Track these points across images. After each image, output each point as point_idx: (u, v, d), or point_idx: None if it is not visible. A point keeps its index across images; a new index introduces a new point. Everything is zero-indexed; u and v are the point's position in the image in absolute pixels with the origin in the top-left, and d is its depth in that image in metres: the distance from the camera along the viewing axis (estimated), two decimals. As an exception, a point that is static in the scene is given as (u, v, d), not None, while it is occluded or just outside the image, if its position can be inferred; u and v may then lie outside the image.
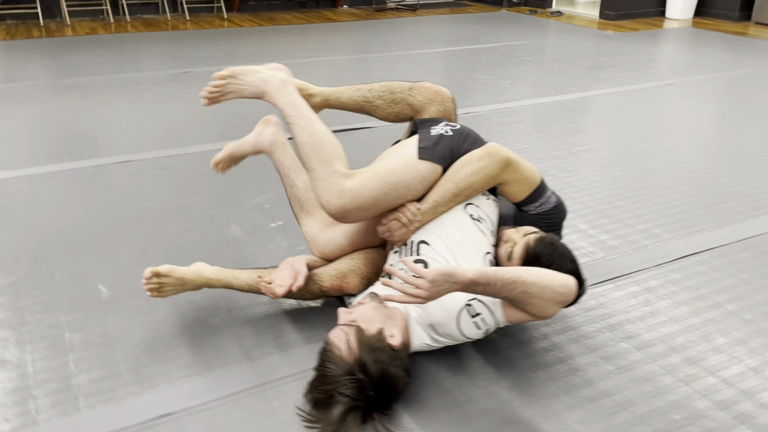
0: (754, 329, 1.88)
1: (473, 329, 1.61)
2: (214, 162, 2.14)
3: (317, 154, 1.76)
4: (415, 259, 1.73)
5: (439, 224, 1.78)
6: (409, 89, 2.02)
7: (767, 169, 3.06)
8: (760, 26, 7.37)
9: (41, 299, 2.03)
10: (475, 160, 1.78)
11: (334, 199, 1.72)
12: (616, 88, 4.56)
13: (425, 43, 6.23)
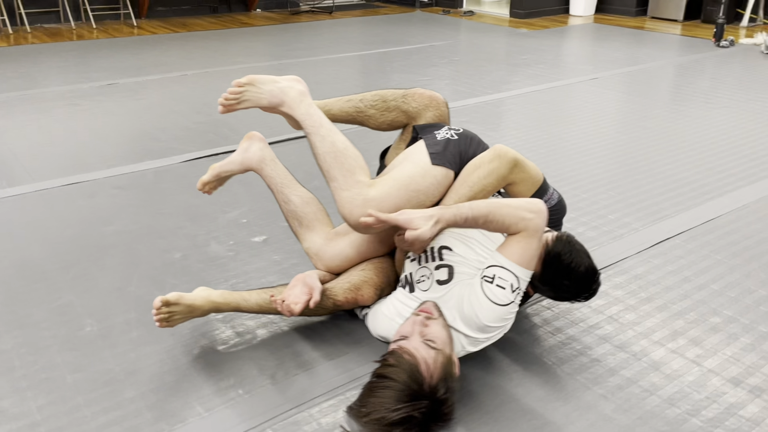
0: (741, 307, 2.02)
1: (501, 293, 1.61)
2: (201, 184, 2.05)
3: (339, 164, 1.74)
4: (438, 264, 1.73)
5: (456, 230, 1.79)
6: (403, 96, 2.02)
7: (705, 156, 3.29)
8: (655, 20, 7.91)
9: (25, 340, 1.87)
10: (485, 162, 1.80)
11: (358, 209, 1.70)
12: (548, 84, 4.75)
13: (351, 45, 6.23)
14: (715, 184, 2.93)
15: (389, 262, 1.98)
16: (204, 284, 2.13)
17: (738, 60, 5.60)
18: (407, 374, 1.45)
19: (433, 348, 1.52)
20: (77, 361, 1.78)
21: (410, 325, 1.60)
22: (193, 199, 2.80)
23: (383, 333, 1.82)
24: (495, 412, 1.59)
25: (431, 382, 1.45)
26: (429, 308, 1.64)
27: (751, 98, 4.36)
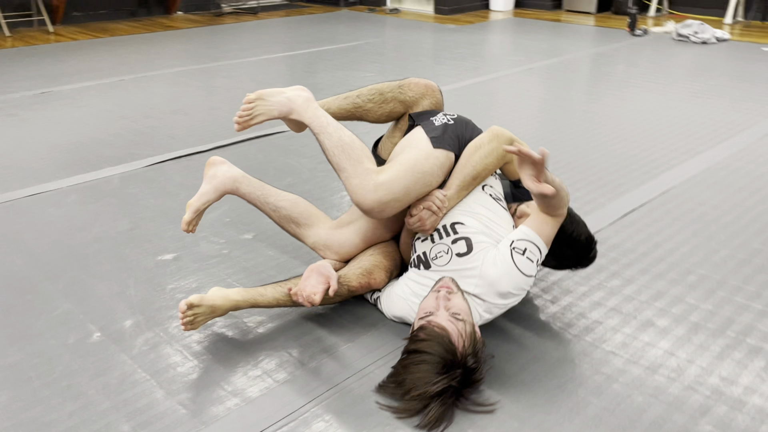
0: (711, 265, 2.22)
1: (529, 265, 1.73)
2: (185, 225, 2.00)
3: (347, 155, 1.80)
4: (454, 238, 1.82)
5: (464, 206, 1.88)
6: (399, 87, 2.09)
7: (647, 135, 3.54)
8: (570, 13, 8.33)
9: (33, 350, 1.81)
10: (485, 143, 1.91)
11: (370, 193, 1.76)
12: (488, 75, 4.94)
13: (279, 46, 6.22)
14: (661, 159, 3.18)
15: (394, 245, 2.05)
16: (205, 284, 2.14)
17: (654, 47, 6.01)
18: (442, 346, 1.53)
19: (460, 320, 1.61)
20: (95, 366, 1.75)
21: (433, 301, 1.68)
22: (169, 202, 2.76)
23: (400, 313, 1.89)
24: (519, 374, 1.70)
25: (463, 351, 1.55)
26: (448, 283, 1.73)
27: (675, 81, 4.71)
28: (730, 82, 4.68)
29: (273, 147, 3.42)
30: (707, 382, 1.66)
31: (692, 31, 6.15)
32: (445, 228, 1.85)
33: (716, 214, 2.59)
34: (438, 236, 1.86)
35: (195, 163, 3.20)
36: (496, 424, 1.53)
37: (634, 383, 1.66)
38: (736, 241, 2.37)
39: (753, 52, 5.75)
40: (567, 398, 1.61)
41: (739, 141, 3.42)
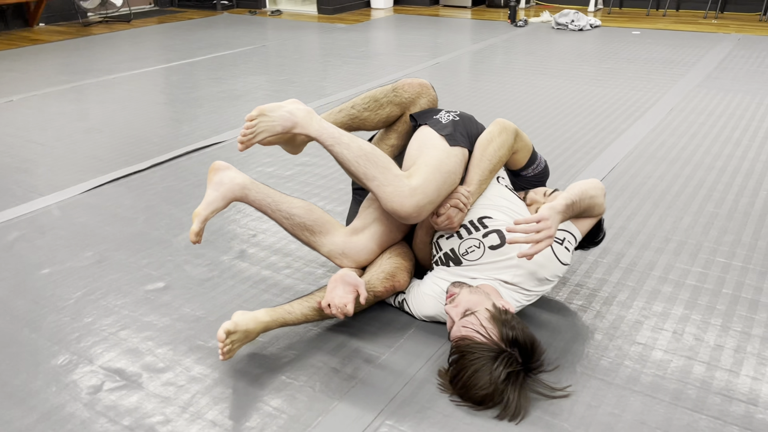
0: (680, 231, 2.41)
1: (567, 254, 1.83)
2: (194, 236, 1.84)
3: (374, 164, 1.76)
4: (485, 232, 1.84)
5: (487, 200, 1.91)
6: (393, 91, 2.06)
7: (570, 118, 3.77)
8: (447, 8, 8.63)
9: (46, 409, 1.60)
10: (496, 136, 1.95)
11: (407, 199, 1.73)
12: (400, 72, 5.01)
13: (159, 55, 5.91)
14: (595, 140, 3.40)
15: (407, 246, 2.04)
16: (211, 311, 2.01)
17: (539, 36, 6.38)
18: (476, 351, 1.57)
19: (470, 314, 1.65)
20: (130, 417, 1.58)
21: (449, 319, 1.73)
22: (127, 228, 2.55)
23: (432, 312, 1.89)
24: (560, 359, 1.76)
25: (495, 337, 1.58)
26: (450, 291, 1.78)
27: (572, 66, 5.04)
28: (618, 64, 5.09)
29: (210, 159, 3.25)
30: (728, 341, 1.82)
31: (569, 20, 6.60)
32: (473, 223, 1.87)
33: (665, 185, 2.82)
34: (466, 232, 1.87)
35: (137, 182, 2.97)
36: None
37: (669, 347, 1.78)
38: (693, 208, 2.59)
39: (625, 35, 6.29)
40: (615, 369, 1.70)
41: (652, 117, 3.73)
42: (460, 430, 1.52)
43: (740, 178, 2.86)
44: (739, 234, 2.38)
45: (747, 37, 5.99)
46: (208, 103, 4.25)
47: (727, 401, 1.59)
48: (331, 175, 3.02)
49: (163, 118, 3.97)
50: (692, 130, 3.48)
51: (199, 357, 1.79)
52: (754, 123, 3.57)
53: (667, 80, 4.54)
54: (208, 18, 8.10)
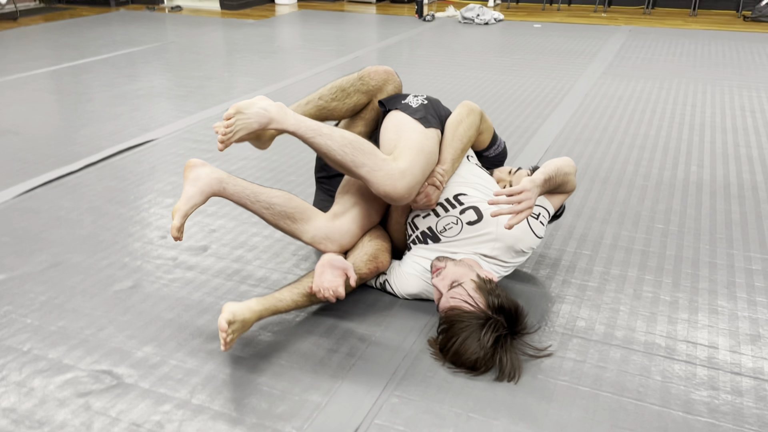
0: (635, 206, 2.63)
1: (541, 228, 1.95)
2: (176, 231, 1.79)
3: (360, 151, 1.80)
4: (461, 209, 1.93)
5: (460, 178, 2.00)
6: (359, 79, 2.10)
7: (496, 106, 3.95)
8: (351, 3, 8.70)
9: (45, 414, 1.53)
10: (464, 117, 2.04)
11: (399, 181, 1.79)
12: (326, 65, 5.03)
13: (49, 56, 5.60)
14: (524, 125, 3.59)
15: (383, 229, 2.10)
16: (190, 302, 1.98)
17: (448, 30, 6.59)
18: (465, 320, 1.67)
19: (457, 285, 1.75)
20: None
21: (436, 291, 1.82)
22: (76, 230, 2.43)
23: (415, 290, 1.96)
24: (540, 323, 1.89)
25: (482, 305, 1.69)
26: (435, 265, 1.86)
27: (486, 58, 5.26)
28: (528, 55, 5.37)
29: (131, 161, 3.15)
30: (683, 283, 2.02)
31: (475, 14, 6.87)
32: (449, 201, 1.96)
33: (596, 163, 3.04)
34: (443, 210, 1.95)
35: (73, 184, 2.83)
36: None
37: (633, 305, 1.95)
38: (625, 182, 2.82)
39: (527, 28, 6.63)
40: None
41: (570, 102, 3.99)
42: (465, 392, 1.60)
43: (659, 154, 3.13)
44: (669, 202, 2.62)
45: (636, 29, 6.50)
46: (128, 101, 4.09)
47: (692, 347, 1.77)
48: (278, 168, 3.02)
49: (82, 117, 3.77)
50: (608, 113, 3.76)
51: (190, 351, 1.76)
52: (660, 104, 3.91)
53: (575, 69, 4.85)
54: (102, 15, 7.71)
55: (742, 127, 3.52)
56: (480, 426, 1.50)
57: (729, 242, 2.31)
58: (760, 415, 1.53)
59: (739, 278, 2.09)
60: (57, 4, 8.54)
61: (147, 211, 2.59)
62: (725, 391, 1.61)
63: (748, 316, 1.90)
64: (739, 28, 6.55)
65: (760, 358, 1.73)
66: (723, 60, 5.09)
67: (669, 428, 1.50)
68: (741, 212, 2.53)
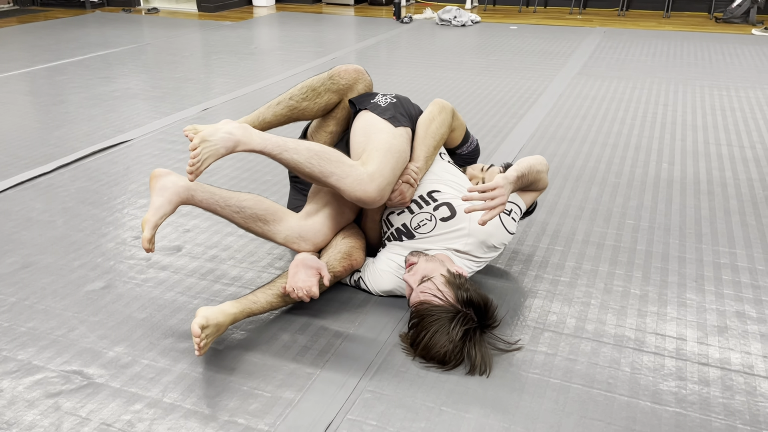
0: (607, 203, 2.66)
1: (513, 224, 1.97)
2: (147, 243, 1.77)
3: (326, 160, 1.80)
4: (435, 206, 1.94)
5: (433, 175, 2.01)
6: (329, 78, 2.10)
7: (472, 105, 3.98)
8: (330, 5, 8.71)
9: (13, 416, 1.51)
10: (436, 115, 2.06)
11: (369, 185, 1.80)
12: (309, 64, 5.02)
13: (22, 58, 5.54)
14: (500, 123, 3.62)
15: (357, 227, 2.10)
16: (163, 302, 1.97)
17: (425, 31, 6.62)
18: (435, 314, 1.68)
19: (427, 280, 1.76)
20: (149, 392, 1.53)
21: (407, 286, 1.84)
22: (48, 232, 2.41)
23: (389, 287, 1.96)
24: (512, 318, 1.91)
25: (451, 299, 1.70)
26: (409, 260, 1.88)
27: (463, 59, 5.29)
28: (504, 56, 5.42)
29: (105, 163, 3.13)
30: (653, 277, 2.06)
31: (452, 16, 6.91)
32: (423, 198, 1.97)
33: (569, 161, 3.07)
34: (417, 206, 1.96)
35: (45, 185, 2.80)
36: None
37: (604, 299, 1.98)
38: (598, 179, 2.86)
39: (504, 30, 6.68)
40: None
41: (545, 102, 4.03)
42: (438, 386, 1.61)
43: (631, 152, 3.18)
44: (640, 199, 2.66)
45: (611, 30, 6.58)
46: (103, 103, 4.05)
47: (661, 339, 1.80)
48: (253, 168, 3.01)
49: (56, 119, 3.73)
50: (582, 113, 3.81)
51: (162, 350, 1.76)
52: (632, 104, 3.97)
53: (550, 69, 4.90)
54: (77, 17, 7.64)
55: (712, 125, 3.59)
56: (452, 419, 1.52)
57: (698, 237, 2.35)
58: (726, 404, 1.56)
59: (708, 272, 2.13)
60: (31, 6, 8.45)
61: (120, 212, 2.57)
62: (692, 381, 1.64)
63: (715, 309, 1.94)
64: (710, 29, 6.66)
65: (726, 348, 1.76)
66: (695, 60, 5.18)
67: (637, 418, 1.52)
68: (710, 208, 2.58)
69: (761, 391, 1.61)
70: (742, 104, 3.97)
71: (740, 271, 2.13)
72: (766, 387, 1.62)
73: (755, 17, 6.83)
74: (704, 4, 7.60)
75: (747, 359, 1.72)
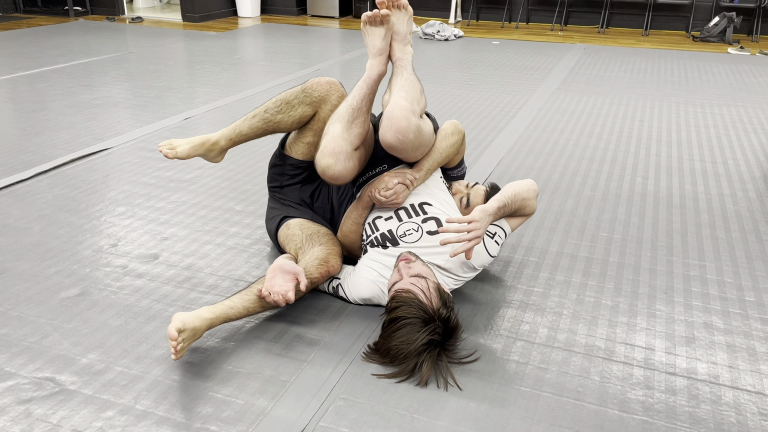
0: (581, 216, 2.71)
1: (496, 247, 2.01)
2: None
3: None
4: (424, 218, 1.97)
5: (427, 189, 2.06)
6: (302, 92, 2.12)
7: (459, 119, 4.00)
8: (315, 18, 8.77)
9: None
10: (450, 134, 2.11)
11: (409, 119, 1.86)
12: (289, 76, 5.05)
13: (20, 61, 5.52)
14: (478, 137, 3.67)
15: (333, 234, 2.13)
16: (138, 309, 1.97)
17: (408, 45, 6.67)
18: (413, 307, 1.70)
19: (422, 277, 1.78)
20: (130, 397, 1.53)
21: (396, 274, 1.84)
22: (23, 238, 2.40)
23: (367, 295, 1.97)
24: (485, 327, 1.93)
25: (433, 306, 1.72)
26: (406, 256, 1.89)
27: (445, 72, 5.35)
28: (485, 70, 5.49)
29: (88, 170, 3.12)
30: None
31: (435, 31, 6.99)
32: (413, 207, 2.00)
33: (546, 174, 3.12)
34: (406, 215, 1.99)
35: (22, 192, 2.79)
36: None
37: (576, 309, 2.01)
38: (573, 192, 2.90)
39: (486, 45, 6.77)
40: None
41: (524, 116, 4.09)
42: (410, 394, 1.63)
43: (607, 166, 3.24)
44: (614, 212, 2.71)
45: (591, 47, 6.69)
46: (84, 111, 4.05)
47: (630, 348, 1.83)
48: (233, 177, 3.02)
49: (36, 126, 3.72)
50: (560, 127, 3.87)
51: (136, 357, 1.76)
52: (609, 119, 4.04)
53: (530, 84, 4.97)
54: (60, 25, 7.62)
55: (686, 141, 3.66)
56: (423, 426, 1.53)
57: (669, 250, 2.40)
58: (691, 413, 1.60)
59: (677, 284, 2.17)
60: (14, 13, 8.41)
61: (98, 219, 2.57)
62: (660, 390, 1.67)
63: (684, 320, 1.98)
64: (688, 47, 6.80)
65: (693, 359, 1.80)
66: (671, 77, 5.28)
67: (605, 426, 1.55)
68: (682, 221, 2.63)
69: (726, 400, 1.64)
70: (716, 121, 4.06)
71: (709, 283, 2.18)
72: (731, 396, 1.66)
73: (731, 36, 6.98)
74: (682, 23, 7.76)
75: (713, 369, 1.76)
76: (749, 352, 1.83)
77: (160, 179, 2.98)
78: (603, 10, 7.82)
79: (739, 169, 3.24)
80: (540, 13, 8.32)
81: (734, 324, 1.96)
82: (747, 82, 5.19)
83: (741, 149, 3.55)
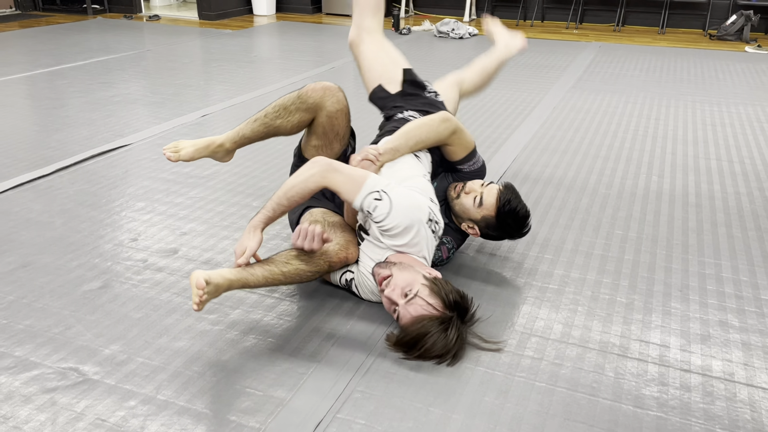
0: (597, 214, 2.71)
1: (383, 212, 1.91)
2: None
3: None
4: None
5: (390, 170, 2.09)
6: (298, 97, 2.14)
7: (467, 117, 4.04)
8: (330, 16, 8.79)
9: (8, 410, 1.55)
10: (435, 123, 2.12)
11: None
12: (304, 74, 5.09)
13: (39, 58, 5.59)
14: (494, 135, 3.68)
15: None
16: (159, 302, 2.00)
17: (425, 43, 6.70)
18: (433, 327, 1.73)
19: (414, 295, 1.77)
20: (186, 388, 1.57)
21: (387, 303, 1.84)
22: (46, 232, 2.44)
23: (376, 288, 1.99)
24: (502, 323, 1.95)
25: (441, 308, 1.75)
26: (379, 274, 1.87)
27: (458, 71, 5.35)
28: (500, 68, 5.47)
29: (108, 166, 3.17)
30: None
31: (450, 29, 6.99)
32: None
33: (561, 172, 3.13)
34: None
35: (44, 187, 2.84)
36: (515, 361, 1.77)
37: (590, 306, 2.02)
38: (588, 190, 2.91)
39: (501, 43, 6.75)
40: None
41: (539, 114, 4.10)
42: (426, 387, 1.65)
43: (622, 164, 3.24)
44: (630, 210, 2.71)
45: (606, 45, 6.67)
46: (102, 107, 4.10)
47: (645, 345, 1.84)
48: (251, 173, 3.06)
49: (56, 123, 3.78)
50: (575, 125, 3.87)
51: (157, 349, 1.79)
52: (624, 118, 4.03)
53: (545, 83, 4.97)
54: (79, 22, 7.69)
55: (702, 139, 3.65)
56: (439, 419, 1.55)
57: (684, 248, 2.40)
58: (706, 409, 1.61)
59: (693, 282, 2.17)
60: (33, 11, 8.51)
61: (118, 214, 2.61)
62: (674, 386, 1.68)
63: (699, 317, 1.98)
64: (704, 46, 6.75)
65: (708, 356, 1.81)
66: (688, 76, 5.26)
67: (619, 421, 1.56)
68: (697, 220, 2.63)
69: (741, 397, 1.65)
70: (733, 120, 4.04)
71: (724, 281, 2.18)
72: (746, 393, 1.66)
73: (749, 35, 6.92)
74: (699, 21, 7.70)
75: (728, 367, 1.76)
76: (765, 350, 1.84)
77: (178, 175, 3.02)
78: (619, 8, 7.78)
79: (756, 168, 3.22)
80: (555, 11, 8.29)
81: (750, 322, 1.96)
82: (764, 80, 5.15)
83: (758, 148, 3.53)
